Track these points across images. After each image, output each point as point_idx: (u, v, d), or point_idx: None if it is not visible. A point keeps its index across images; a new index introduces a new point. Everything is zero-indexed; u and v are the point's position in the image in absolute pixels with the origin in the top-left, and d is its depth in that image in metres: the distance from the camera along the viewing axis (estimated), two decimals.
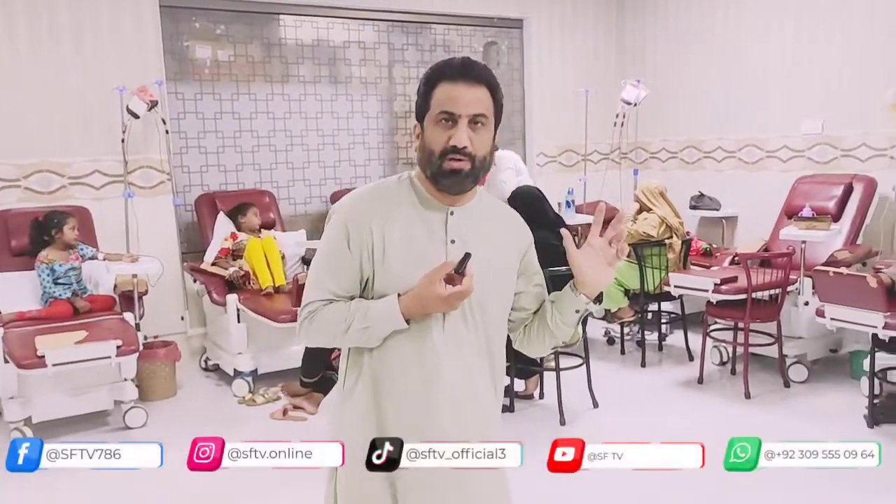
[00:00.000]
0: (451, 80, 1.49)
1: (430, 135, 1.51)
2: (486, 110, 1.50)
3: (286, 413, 4.15)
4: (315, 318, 1.54)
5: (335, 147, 5.83)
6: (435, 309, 1.49)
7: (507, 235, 1.62)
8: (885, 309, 3.48)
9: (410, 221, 1.54)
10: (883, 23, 4.89)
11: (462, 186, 1.52)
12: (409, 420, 1.55)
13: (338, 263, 1.54)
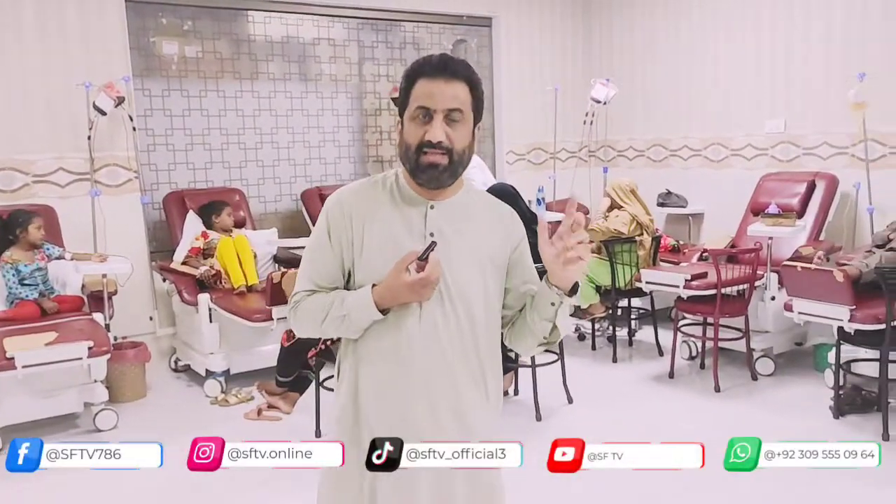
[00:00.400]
0: (429, 76, 1.51)
1: (407, 130, 1.54)
2: (463, 105, 1.52)
3: (260, 413, 4.11)
4: (299, 308, 1.61)
5: (305, 145, 5.80)
6: (404, 297, 1.50)
7: (495, 228, 1.62)
8: (851, 302, 3.58)
9: (391, 216, 1.57)
10: (842, 25, 5.03)
11: (440, 181, 1.53)
12: (383, 412, 1.57)
13: (320, 256, 1.60)
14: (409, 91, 1.53)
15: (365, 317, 1.53)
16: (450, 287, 1.54)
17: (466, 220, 1.59)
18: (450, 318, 1.55)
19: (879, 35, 4.83)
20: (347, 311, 1.53)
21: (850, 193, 4.96)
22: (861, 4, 4.91)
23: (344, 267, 1.59)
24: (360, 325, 1.54)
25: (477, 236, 1.59)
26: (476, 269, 1.57)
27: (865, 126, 4.62)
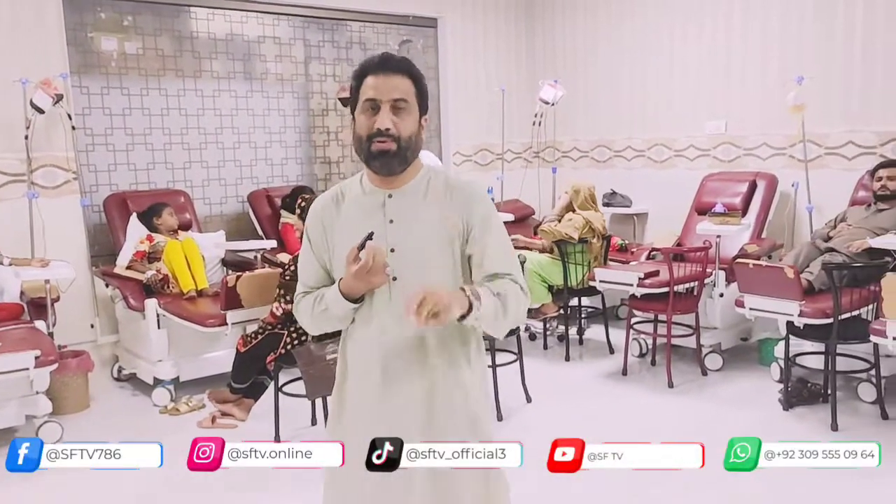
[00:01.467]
0: (374, 72, 1.66)
1: (358, 123, 1.68)
2: (407, 95, 1.66)
3: (215, 421, 3.98)
4: (297, 309, 1.82)
5: (251, 145, 5.67)
6: (358, 286, 1.63)
7: (451, 202, 1.72)
8: (801, 298, 3.71)
9: (353, 212, 1.73)
10: (778, 29, 5.21)
11: (390, 167, 1.67)
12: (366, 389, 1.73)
13: (306, 261, 1.80)
14: (358, 88, 1.68)
15: (341, 308, 1.68)
16: (413, 267, 1.67)
17: (424, 202, 1.72)
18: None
19: (814, 39, 5.03)
20: (326, 305, 1.70)
21: (789, 193, 5.15)
22: (796, 9, 5.11)
23: (326, 268, 1.78)
24: (340, 315, 1.71)
25: (433, 213, 1.71)
26: (437, 247, 1.70)
27: (804, 127, 4.80)
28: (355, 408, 1.76)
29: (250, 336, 3.78)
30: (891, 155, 4.69)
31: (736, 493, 3.08)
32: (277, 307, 3.64)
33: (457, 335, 1.73)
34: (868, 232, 4.20)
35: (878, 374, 3.82)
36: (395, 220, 1.69)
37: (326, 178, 6.10)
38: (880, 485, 3.11)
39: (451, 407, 1.72)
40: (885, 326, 3.33)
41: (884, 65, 4.73)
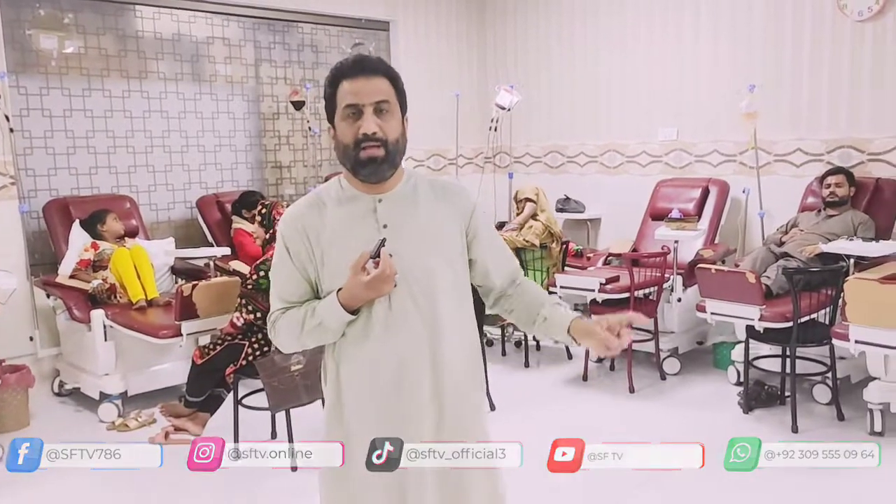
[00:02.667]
0: (350, 76, 1.58)
1: (341, 130, 1.60)
2: (388, 96, 1.59)
3: (168, 436, 3.81)
4: (276, 327, 1.69)
5: (200, 149, 5.49)
6: (366, 295, 1.56)
7: (444, 208, 1.68)
8: (761, 302, 3.77)
9: (341, 219, 1.63)
10: (728, 39, 5.32)
11: (380, 173, 1.60)
12: (365, 406, 1.64)
13: (285, 275, 1.67)
14: (335, 95, 1.60)
15: (337, 320, 1.59)
16: (414, 272, 1.60)
17: (415, 206, 1.66)
18: (420, 302, 1.61)
19: (763, 49, 5.15)
20: (320, 319, 1.60)
21: (741, 199, 5.25)
22: (745, 20, 5.22)
23: (310, 280, 1.66)
24: (334, 328, 1.61)
25: (428, 220, 1.65)
26: (434, 251, 1.64)
27: (756, 135, 4.90)
28: (359, 415, 1.66)
29: (208, 347, 3.63)
30: (837, 162, 4.83)
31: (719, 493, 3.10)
32: (238, 317, 3.51)
33: (460, 337, 1.69)
34: (819, 237, 4.31)
35: (835, 376, 3.91)
36: (389, 225, 1.62)
37: (278, 182, 5.95)
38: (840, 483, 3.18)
39: (460, 406, 1.69)
40: (847, 330, 3.40)
41: (829, 75, 4.87)
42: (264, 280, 3.40)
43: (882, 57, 4.65)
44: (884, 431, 3.64)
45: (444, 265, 1.65)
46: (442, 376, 1.64)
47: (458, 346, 1.67)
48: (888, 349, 3.39)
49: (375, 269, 1.52)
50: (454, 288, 1.67)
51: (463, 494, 1.67)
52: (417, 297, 1.61)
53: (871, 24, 4.68)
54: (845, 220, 4.37)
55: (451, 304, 1.65)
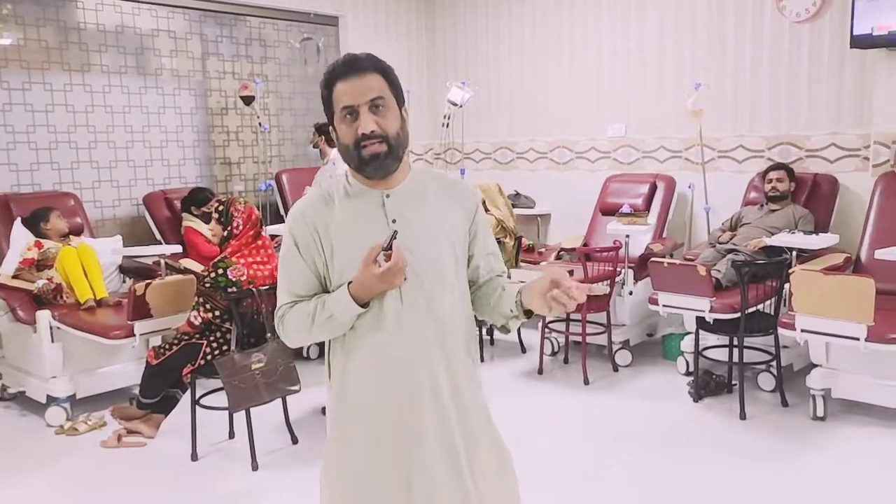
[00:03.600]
0: (342, 77, 1.60)
1: (341, 132, 1.62)
2: (382, 92, 1.61)
3: (120, 440, 3.72)
4: (284, 322, 1.69)
5: (146, 145, 5.36)
6: (378, 287, 1.58)
7: (451, 202, 1.72)
8: (711, 294, 3.89)
9: (350, 214, 1.65)
10: (673, 39, 5.46)
11: (385, 168, 1.62)
12: (378, 395, 1.64)
13: (294, 270, 1.68)
14: (331, 98, 1.62)
15: (348, 313, 1.60)
16: (423, 265, 1.63)
17: (422, 200, 1.68)
18: (429, 294, 1.64)
19: (706, 49, 5.30)
20: (331, 312, 1.60)
21: (687, 194, 5.40)
22: (689, 21, 5.36)
23: (319, 274, 1.67)
24: (345, 321, 1.62)
25: (436, 213, 1.68)
26: (443, 244, 1.67)
27: (702, 132, 5.05)
28: (367, 406, 1.66)
29: (163, 347, 3.55)
30: (777, 158, 5.01)
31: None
32: (196, 316, 3.44)
33: (463, 329, 1.71)
34: (763, 231, 4.47)
35: (779, 364, 4.06)
36: (399, 219, 1.64)
37: (227, 179, 5.85)
38: (787, 468, 3.31)
39: (471, 397, 1.72)
40: (793, 320, 3.54)
41: (769, 74, 5.05)
42: (223, 278, 3.35)
43: (818, 57, 4.84)
44: (825, 416, 3.80)
45: (450, 259, 1.67)
46: (449, 368, 1.66)
47: (461, 339, 1.70)
48: (830, 337, 3.53)
49: (386, 261, 1.54)
50: (458, 281, 1.70)
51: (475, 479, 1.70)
52: (426, 289, 1.63)
53: (809, 25, 4.86)
54: (787, 215, 4.54)
55: (456, 297, 1.68)
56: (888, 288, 3.72)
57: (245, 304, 3.40)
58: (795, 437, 3.64)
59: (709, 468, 3.35)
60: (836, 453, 3.46)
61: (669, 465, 3.38)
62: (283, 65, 6.17)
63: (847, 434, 3.65)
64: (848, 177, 4.75)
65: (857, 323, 3.34)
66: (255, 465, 3.41)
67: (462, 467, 1.66)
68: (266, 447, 3.58)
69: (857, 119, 4.72)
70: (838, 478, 3.22)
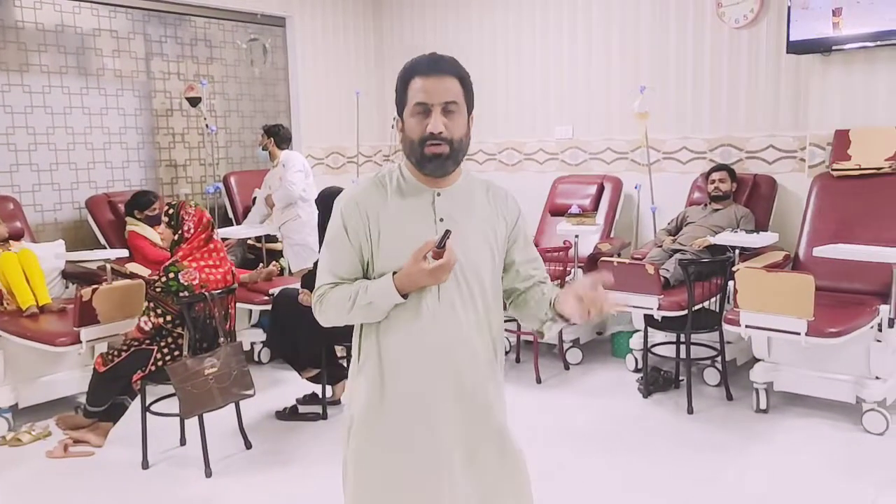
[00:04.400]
0: (423, 74, 1.66)
1: (409, 125, 1.67)
2: (457, 97, 1.68)
3: (67, 449, 3.62)
4: (324, 301, 1.73)
5: (88, 147, 5.23)
6: (423, 282, 1.63)
7: (495, 209, 1.78)
8: (660, 292, 3.99)
9: (401, 208, 1.70)
10: (619, 43, 5.58)
11: (444, 169, 1.68)
12: (409, 387, 1.71)
13: (339, 251, 1.72)
14: (406, 90, 1.68)
15: (388, 302, 1.65)
16: (463, 267, 1.68)
17: (470, 203, 1.75)
18: (465, 295, 1.70)
19: (650, 53, 5.43)
20: (372, 299, 1.66)
21: (633, 194, 5.52)
22: (633, 25, 5.48)
23: (363, 259, 1.72)
24: (384, 309, 1.67)
25: (481, 218, 1.74)
26: (484, 248, 1.73)
27: (647, 134, 5.17)
28: (400, 398, 1.72)
29: (112, 354, 3.47)
30: (719, 159, 5.16)
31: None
32: (146, 321, 3.37)
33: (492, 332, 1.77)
34: (707, 230, 4.60)
35: (724, 360, 4.19)
36: (445, 218, 1.70)
37: (173, 181, 5.74)
38: (733, 459, 3.42)
39: (495, 396, 1.78)
40: (737, 316, 3.66)
41: (710, 78, 5.19)
42: (174, 282, 3.30)
43: (756, 61, 5.01)
44: (768, 409, 3.93)
45: (489, 262, 1.73)
46: (474, 367, 1.73)
47: (488, 341, 1.76)
48: (772, 332, 3.66)
49: (435, 259, 1.59)
50: (492, 286, 1.76)
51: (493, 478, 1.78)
52: (463, 290, 1.69)
53: (747, 30, 5.02)
54: (729, 214, 4.68)
55: (489, 300, 1.75)
56: (826, 284, 3.86)
57: (197, 308, 3.34)
58: (740, 430, 3.76)
59: (659, 461, 3.44)
60: (779, 444, 3.59)
61: (621, 460, 3.46)
62: (229, 66, 6.08)
63: (788, 425, 3.79)
64: (786, 177, 4.92)
65: (797, 318, 3.47)
66: (209, 471, 3.37)
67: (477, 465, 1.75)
68: (219, 453, 3.54)
69: (793, 122, 4.90)
70: (781, 467, 3.34)
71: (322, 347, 3.96)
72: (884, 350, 3.65)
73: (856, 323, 3.53)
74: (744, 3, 4.96)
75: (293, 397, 4.19)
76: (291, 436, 3.82)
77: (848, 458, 3.42)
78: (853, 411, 3.78)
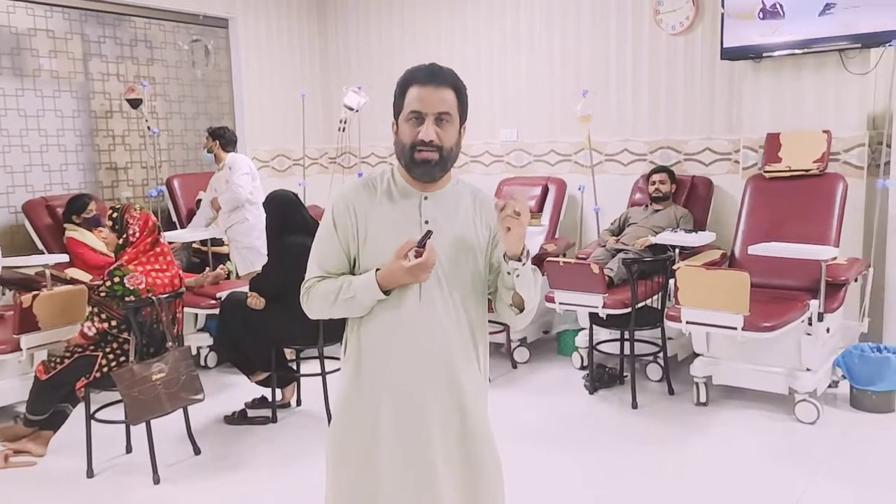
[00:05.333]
0: (420, 84, 1.74)
1: (402, 131, 1.76)
2: (451, 108, 1.75)
3: (8, 460, 3.53)
4: (310, 293, 1.82)
5: (24, 149, 5.10)
6: (404, 280, 1.70)
7: (480, 214, 1.85)
8: (604, 291, 4.09)
9: (389, 208, 1.79)
10: (561, 48, 5.70)
11: (431, 174, 1.76)
12: (387, 380, 1.78)
13: (328, 247, 1.81)
14: (403, 97, 1.76)
15: (370, 297, 1.73)
16: (444, 268, 1.75)
17: (456, 208, 1.82)
18: (445, 296, 1.77)
19: (591, 58, 5.56)
20: (355, 293, 1.74)
21: (577, 195, 5.64)
22: (574, 31, 5.61)
23: (349, 255, 1.81)
24: (365, 304, 1.75)
25: (465, 222, 1.81)
26: (467, 251, 1.80)
27: (590, 136, 5.29)
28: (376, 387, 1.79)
29: (54, 361, 3.39)
30: (659, 161, 5.31)
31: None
32: (90, 327, 3.32)
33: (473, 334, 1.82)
34: (648, 230, 4.74)
35: (665, 355, 4.33)
36: (431, 221, 1.77)
37: (113, 185, 5.63)
38: (675, 450, 3.54)
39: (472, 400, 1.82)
40: (679, 312, 3.78)
41: (649, 83, 5.35)
42: (119, 286, 3.24)
43: (692, 67, 5.18)
44: (707, 402, 4.08)
45: (471, 264, 1.80)
46: (451, 366, 1.78)
47: (469, 343, 1.81)
48: (711, 327, 3.80)
49: (416, 257, 1.66)
50: (474, 289, 1.82)
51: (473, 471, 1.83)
52: (445, 290, 1.76)
53: (683, 37, 5.19)
54: (669, 214, 4.83)
55: (471, 300, 1.80)
56: (760, 281, 4.02)
57: (144, 313, 3.30)
58: (681, 422, 3.89)
59: (605, 455, 3.53)
60: (717, 435, 3.73)
61: (569, 455, 3.55)
62: (171, 67, 5.99)
63: (726, 417, 3.94)
64: (721, 179, 5.10)
65: (734, 314, 3.61)
66: (157, 478, 3.32)
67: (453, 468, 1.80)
68: (167, 460, 3.49)
69: (727, 125, 5.09)
70: (719, 457, 3.48)
71: (271, 350, 3.95)
72: (814, 343, 3.82)
73: (788, 317, 3.70)
74: (680, 11, 5.13)
75: (242, 402, 4.16)
76: (241, 440, 3.79)
77: (781, 447, 3.57)
78: (786, 402, 3.95)
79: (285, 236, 3.88)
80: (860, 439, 3.64)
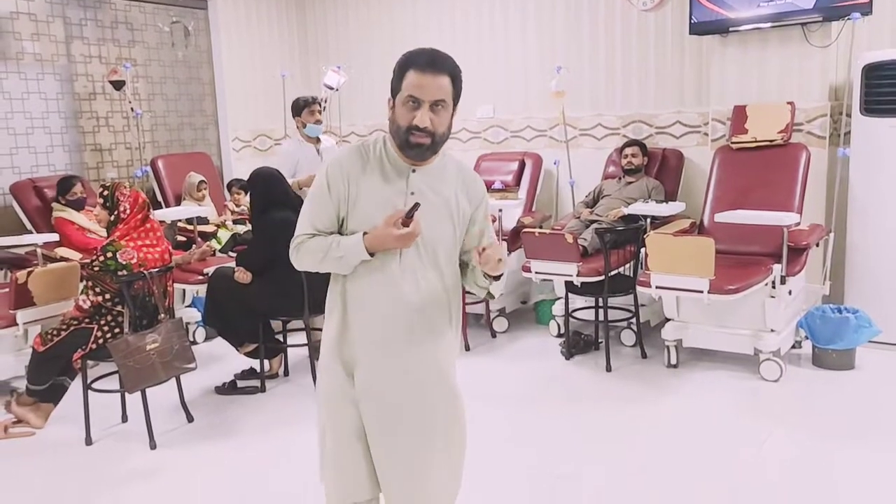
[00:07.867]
0: (419, 69, 1.82)
1: (398, 112, 1.85)
2: (447, 96, 1.84)
3: (7, 430, 3.67)
4: (300, 248, 1.94)
5: (10, 132, 5.17)
6: (390, 245, 1.84)
7: (461, 189, 1.97)
8: (578, 260, 4.27)
9: (379, 177, 1.90)
10: (535, 25, 5.83)
11: (423, 157, 1.88)
12: (370, 335, 1.92)
13: (320, 206, 1.92)
14: (402, 79, 1.83)
15: (356, 257, 1.86)
16: (425, 237, 1.88)
17: (441, 182, 1.93)
18: (424, 261, 1.91)
19: (565, 35, 5.70)
20: (343, 253, 1.86)
21: (552, 170, 5.80)
22: (549, 6, 5.74)
23: (339, 216, 1.92)
24: (352, 263, 1.88)
25: (448, 196, 1.93)
26: (446, 223, 1.93)
27: (564, 112, 5.44)
28: (359, 326, 1.92)
29: (51, 333, 3.52)
30: (631, 135, 5.48)
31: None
32: (85, 300, 3.44)
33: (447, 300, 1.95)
34: (621, 202, 4.91)
35: (638, 321, 4.52)
36: (416, 192, 1.88)
37: (99, 166, 5.71)
38: (648, 410, 3.74)
39: (447, 355, 1.99)
40: (649, 278, 3.97)
41: (621, 58, 5.51)
42: (112, 261, 3.36)
43: (663, 43, 5.34)
44: (678, 364, 4.28)
45: (450, 235, 1.93)
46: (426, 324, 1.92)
47: (443, 308, 1.95)
48: (680, 291, 3.99)
49: (403, 226, 1.79)
50: (451, 255, 1.96)
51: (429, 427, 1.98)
52: (423, 257, 1.90)
53: (654, 13, 5.34)
54: (641, 186, 5.00)
55: (445, 267, 1.94)
56: (727, 248, 4.21)
57: (136, 286, 3.43)
58: (654, 384, 4.08)
59: (582, 416, 3.72)
60: (688, 394, 3.93)
61: (548, 417, 3.73)
62: (152, 49, 6.06)
63: (696, 377, 4.14)
64: (691, 151, 5.28)
65: (700, 278, 3.80)
66: (153, 444, 3.47)
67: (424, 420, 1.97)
68: (162, 427, 3.64)
69: (696, 99, 5.26)
70: (690, 415, 3.68)
71: (259, 323, 4.09)
72: (777, 305, 4.02)
73: (751, 281, 3.89)
74: None
75: (231, 373, 4.31)
76: (232, 409, 3.94)
77: (747, 403, 3.79)
78: (752, 362, 4.16)
79: (270, 212, 4.01)
80: (820, 394, 3.86)
